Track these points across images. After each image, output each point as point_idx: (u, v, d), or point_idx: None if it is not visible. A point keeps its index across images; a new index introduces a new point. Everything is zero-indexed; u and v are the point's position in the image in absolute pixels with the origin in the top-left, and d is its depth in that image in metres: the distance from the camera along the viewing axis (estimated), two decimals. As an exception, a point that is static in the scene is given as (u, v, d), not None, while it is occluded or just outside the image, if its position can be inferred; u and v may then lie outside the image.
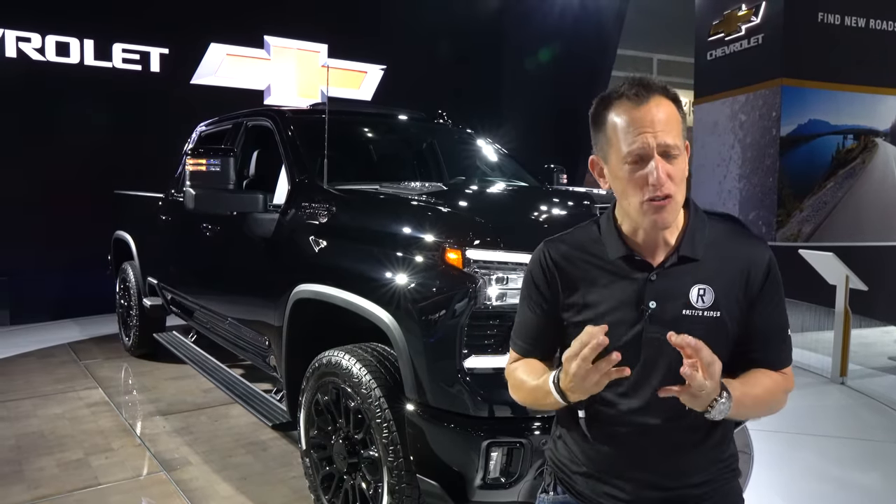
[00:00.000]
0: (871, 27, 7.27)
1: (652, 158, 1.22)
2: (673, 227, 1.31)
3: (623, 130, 1.24)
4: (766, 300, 1.31)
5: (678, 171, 1.24)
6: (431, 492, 2.26)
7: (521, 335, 1.43)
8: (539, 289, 1.39)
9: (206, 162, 3.35)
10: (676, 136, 1.23)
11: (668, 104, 1.25)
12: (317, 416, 2.78)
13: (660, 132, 1.21)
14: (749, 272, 1.30)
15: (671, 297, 1.27)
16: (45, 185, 7.16)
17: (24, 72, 7.05)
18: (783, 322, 1.35)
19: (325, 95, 5.30)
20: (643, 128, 1.22)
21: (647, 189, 1.22)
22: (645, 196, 1.23)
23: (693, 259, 1.29)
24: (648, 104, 1.23)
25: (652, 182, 1.21)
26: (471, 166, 4.39)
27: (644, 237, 1.31)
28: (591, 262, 1.34)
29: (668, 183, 1.22)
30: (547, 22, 9.64)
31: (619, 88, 1.27)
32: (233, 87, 8.19)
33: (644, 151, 1.22)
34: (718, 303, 1.27)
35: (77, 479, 3.36)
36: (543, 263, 1.39)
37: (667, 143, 1.22)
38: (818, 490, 3.35)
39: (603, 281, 1.32)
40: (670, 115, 1.24)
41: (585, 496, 1.37)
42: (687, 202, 1.34)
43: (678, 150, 1.23)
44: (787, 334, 1.37)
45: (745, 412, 1.28)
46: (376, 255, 2.54)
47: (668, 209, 1.24)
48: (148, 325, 5.42)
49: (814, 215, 7.18)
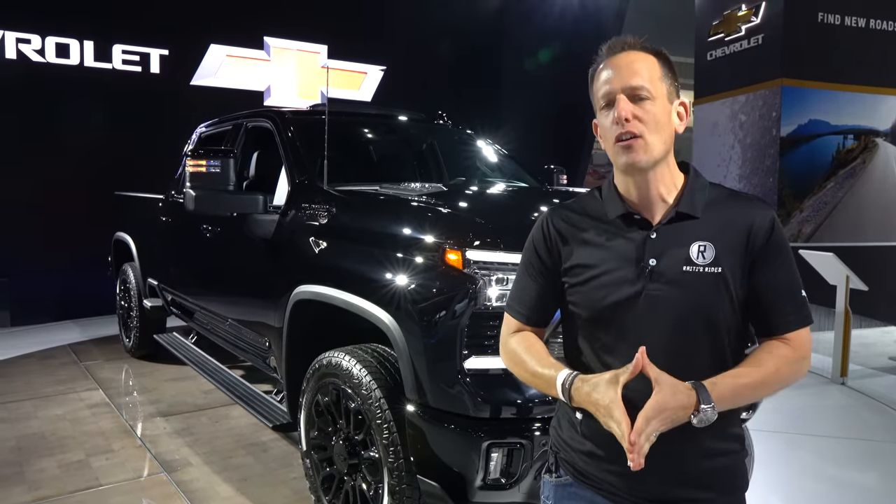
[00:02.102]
0: (871, 27, 7.27)
1: (616, 98, 1.27)
2: (671, 187, 1.32)
3: (599, 81, 1.32)
4: (770, 259, 1.28)
5: (647, 113, 1.27)
6: (432, 493, 2.26)
7: (521, 301, 1.44)
8: (540, 256, 1.40)
9: (206, 163, 3.35)
10: (645, 79, 1.28)
11: (642, 55, 1.30)
12: (317, 417, 2.78)
13: (626, 76, 1.28)
14: (750, 231, 1.28)
15: (671, 254, 1.27)
16: (46, 187, 7.17)
17: (24, 73, 7.05)
18: (790, 281, 1.30)
19: (325, 96, 5.30)
20: (612, 73, 1.30)
21: (613, 128, 1.28)
22: (613, 134, 1.28)
23: (693, 216, 1.30)
24: (619, 55, 1.31)
25: (615, 119, 1.27)
26: (471, 167, 4.39)
27: (637, 193, 1.32)
28: (592, 223, 1.36)
29: (635, 122, 1.26)
30: (547, 22, 9.63)
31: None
32: (233, 88, 8.20)
33: (611, 93, 1.29)
34: (719, 259, 1.26)
35: (78, 480, 3.36)
36: (546, 231, 1.41)
37: (631, 84, 1.27)
38: (818, 490, 3.35)
39: (604, 240, 1.33)
40: (641, 62, 1.29)
41: (588, 475, 1.36)
42: (686, 167, 1.37)
43: (647, 92, 1.27)
44: (800, 294, 1.31)
45: (743, 401, 1.26)
46: (376, 256, 2.54)
47: (635, 148, 1.27)
48: (148, 326, 5.42)
49: (814, 215, 7.17)
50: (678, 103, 1.33)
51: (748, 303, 1.30)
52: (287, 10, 8.36)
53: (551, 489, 1.44)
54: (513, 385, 2.18)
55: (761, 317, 1.30)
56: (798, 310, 1.30)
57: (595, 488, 1.35)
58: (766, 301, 1.29)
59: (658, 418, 1.16)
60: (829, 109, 7.17)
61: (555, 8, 9.60)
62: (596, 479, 1.35)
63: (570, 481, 1.40)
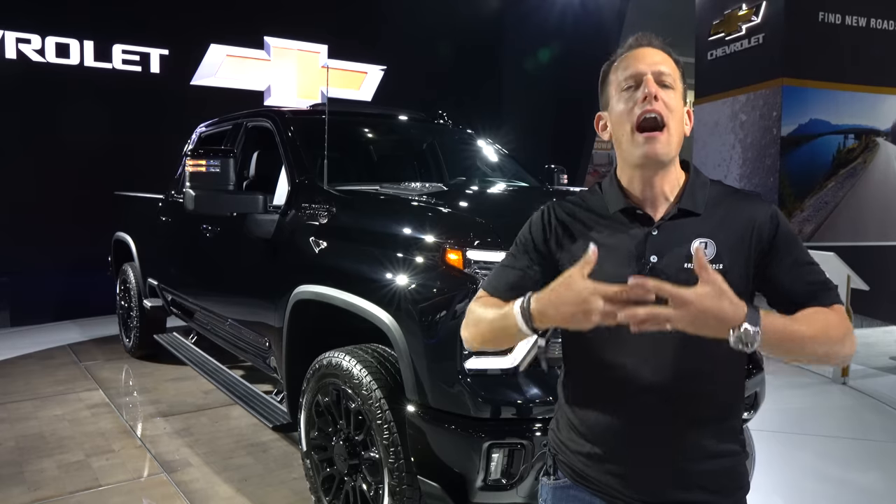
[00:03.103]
0: (871, 27, 7.26)
1: (642, 84, 1.27)
2: (674, 184, 1.32)
3: (621, 69, 1.32)
4: (786, 248, 1.26)
5: (671, 101, 1.27)
6: (432, 493, 2.25)
7: (499, 279, 1.38)
8: (535, 243, 1.38)
9: (206, 163, 3.34)
10: (670, 71, 1.29)
11: (664, 54, 1.31)
12: (317, 418, 2.77)
13: (654, 62, 1.29)
14: (753, 227, 1.27)
15: (672, 251, 1.26)
16: (46, 187, 7.16)
17: (24, 73, 7.04)
18: (811, 263, 1.27)
19: (325, 96, 5.29)
20: (637, 60, 1.30)
21: (638, 106, 1.25)
22: (636, 113, 1.25)
23: (694, 213, 1.29)
24: (645, 49, 1.31)
25: (642, 96, 1.25)
26: (471, 167, 4.38)
27: (641, 188, 1.31)
28: (593, 218, 1.35)
29: (661, 104, 1.25)
30: (547, 22, 9.62)
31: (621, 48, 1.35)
32: (233, 88, 8.19)
33: (638, 74, 1.28)
34: (721, 256, 1.25)
35: (78, 480, 3.35)
36: (546, 221, 1.39)
37: (661, 69, 1.28)
38: (819, 490, 3.35)
39: (604, 236, 1.31)
40: (664, 57, 1.31)
41: (587, 477, 1.34)
42: (687, 166, 1.36)
43: (672, 80, 1.28)
44: (824, 275, 1.28)
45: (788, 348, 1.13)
46: (377, 256, 2.53)
47: (660, 141, 1.25)
48: (148, 326, 5.42)
49: (815, 215, 7.17)
50: (686, 108, 1.33)
51: (772, 298, 1.28)
52: (287, 9, 8.36)
53: (549, 492, 1.43)
54: (513, 385, 2.18)
55: (791, 301, 1.24)
56: (829, 288, 1.26)
57: (594, 490, 1.34)
58: (796, 284, 1.25)
59: (690, 308, 1.03)
60: (830, 109, 7.16)
61: (555, 8, 9.59)
62: (595, 480, 1.33)
63: (569, 483, 1.38)
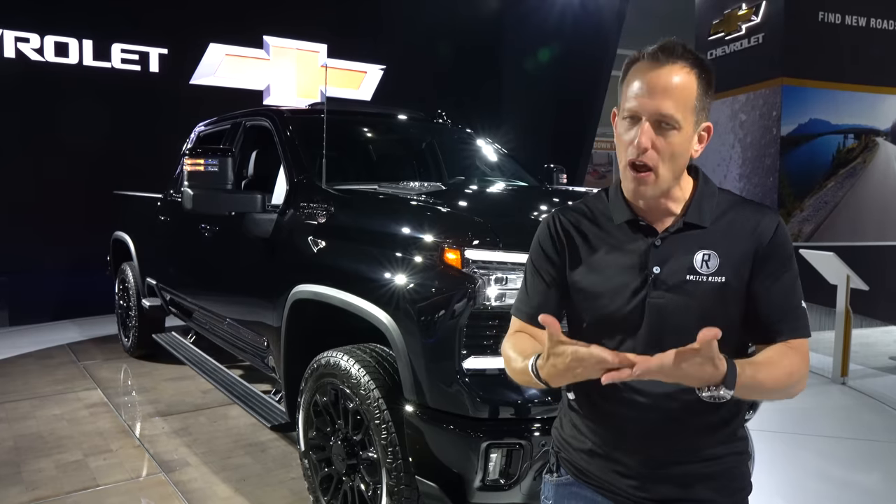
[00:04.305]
0: (871, 26, 7.26)
1: (641, 122, 1.22)
2: (678, 197, 1.30)
3: (630, 88, 1.24)
4: (772, 264, 1.25)
5: (667, 145, 1.21)
6: (430, 493, 2.25)
7: (526, 302, 1.40)
8: (547, 255, 1.38)
9: (205, 162, 3.33)
10: (678, 109, 1.20)
11: (686, 75, 1.22)
12: (315, 418, 2.77)
13: (659, 100, 1.20)
14: (755, 238, 1.26)
15: (675, 263, 1.26)
16: (44, 186, 7.16)
17: (23, 72, 7.04)
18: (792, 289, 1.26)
19: (325, 95, 5.29)
20: (645, 90, 1.21)
21: (632, 148, 1.23)
22: (628, 156, 1.24)
23: (699, 226, 1.28)
24: (661, 70, 1.21)
25: (634, 144, 1.22)
26: (470, 166, 4.38)
27: (644, 203, 1.30)
28: (598, 227, 1.34)
29: (651, 153, 1.21)
30: (547, 22, 9.61)
31: (648, 48, 1.26)
32: (232, 87, 8.19)
33: (637, 111, 1.22)
34: (723, 268, 1.24)
35: (76, 480, 3.35)
36: (553, 230, 1.38)
37: (661, 112, 1.20)
38: (819, 490, 3.34)
39: (609, 245, 1.31)
40: (680, 87, 1.21)
41: (589, 474, 1.35)
42: (697, 172, 1.34)
43: (675, 123, 1.21)
44: (801, 305, 1.27)
45: (753, 397, 1.22)
46: (375, 256, 2.52)
47: (647, 183, 1.24)
48: (147, 325, 5.41)
49: (814, 215, 7.16)
50: (703, 127, 1.27)
51: (748, 310, 1.26)
52: (287, 9, 8.35)
53: (552, 489, 1.44)
54: (512, 385, 2.16)
55: (762, 323, 1.26)
56: (799, 319, 1.26)
57: (596, 487, 1.35)
58: (767, 307, 1.25)
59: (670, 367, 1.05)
60: (830, 109, 7.16)
61: (554, 8, 9.58)
62: (597, 478, 1.34)
63: (571, 480, 1.39)
